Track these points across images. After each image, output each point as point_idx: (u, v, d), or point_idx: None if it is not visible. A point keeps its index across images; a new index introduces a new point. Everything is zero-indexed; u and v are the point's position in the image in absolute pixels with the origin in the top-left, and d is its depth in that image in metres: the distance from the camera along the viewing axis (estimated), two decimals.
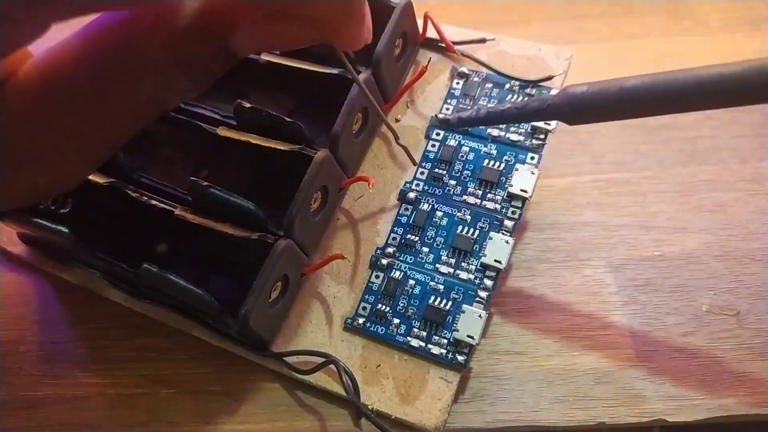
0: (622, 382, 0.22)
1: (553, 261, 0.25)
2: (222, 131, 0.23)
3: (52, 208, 0.25)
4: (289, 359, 0.22)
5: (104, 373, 0.24)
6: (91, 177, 0.23)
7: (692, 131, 0.28)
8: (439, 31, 0.25)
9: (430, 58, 0.25)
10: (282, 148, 0.22)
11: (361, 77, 0.22)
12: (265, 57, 0.24)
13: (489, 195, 0.23)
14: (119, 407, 0.23)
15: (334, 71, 0.23)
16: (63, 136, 0.17)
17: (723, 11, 0.32)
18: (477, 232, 0.23)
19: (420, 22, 0.25)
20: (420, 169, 0.24)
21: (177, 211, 0.22)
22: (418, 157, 0.24)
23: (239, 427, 0.22)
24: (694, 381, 0.22)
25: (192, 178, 0.22)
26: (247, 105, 0.22)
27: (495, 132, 0.24)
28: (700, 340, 0.22)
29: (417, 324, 0.22)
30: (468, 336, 0.21)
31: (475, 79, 0.25)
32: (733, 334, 0.22)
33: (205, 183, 0.21)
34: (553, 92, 0.24)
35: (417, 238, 0.23)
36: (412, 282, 0.23)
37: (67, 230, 0.22)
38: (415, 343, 0.22)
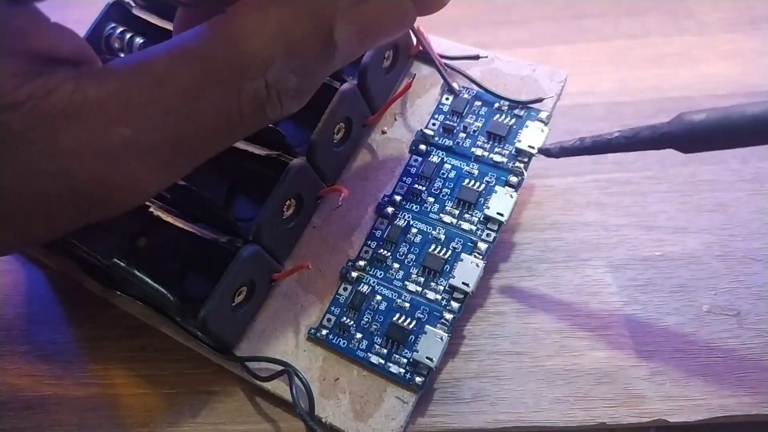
0: (623, 382, 0.22)
1: (554, 261, 0.25)
2: None
3: None
4: (251, 364, 0.22)
5: (104, 373, 0.24)
6: None
7: None
8: (428, 45, 0.24)
9: (415, 74, 0.25)
10: (259, 152, 0.22)
11: (345, 87, 0.22)
12: None
13: (466, 215, 0.23)
14: (119, 407, 0.23)
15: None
16: (144, 131, 0.15)
17: (723, 11, 0.32)
18: (449, 252, 0.22)
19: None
20: (400, 184, 0.24)
21: (152, 208, 0.22)
22: (399, 172, 0.24)
23: (239, 427, 0.22)
24: (695, 381, 0.22)
25: None
26: None
27: (479, 152, 0.24)
28: (700, 340, 0.22)
29: (379, 340, 0.22)
30: (427, 358, 0.21)
31: (465, 95, 0.25)
32: (733, 334, 0.22)
33: (181, 182, 0.21)
34: (543, 115, 0.23)
35: (389, 254, 0.23)
36: (378, 297, 0.22)
37: None
38: (375, 359, 0.21)
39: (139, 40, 0.26)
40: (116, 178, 0.15)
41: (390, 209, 0.23)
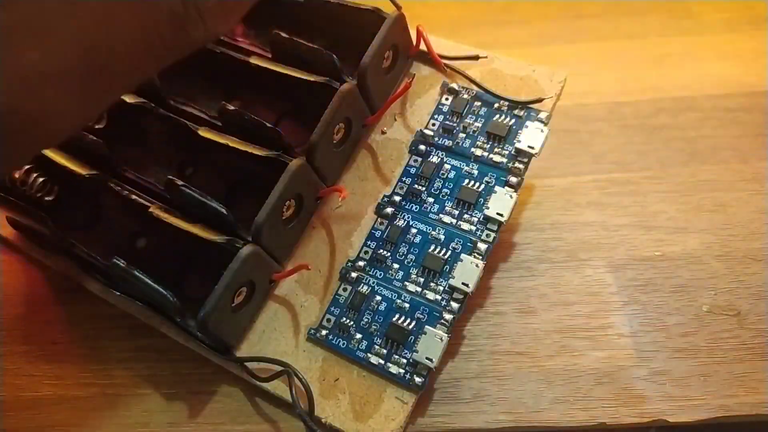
0: (623, 382, 0.22)
1: (554, 261, 0.25)
2: (203, 132, 0.23)
3: (38, 195, 0.25)
4: (250, 365, 0.22)
5: (104, 373, 0.24)
6: (75, 167, 0.23)
7: (693, 131, 0.28)
8: (428, 45, 0.24)
9: (414, 74, 0.25)
10: (259, 153, 0.22)
11: (345, 87, 0.22)
12: (256, 62, 0.24)
13: (465, 216, 0.23)
14: (119, 407, 0.23)
15: (321, 80, 0.23)
16: (54, 56, 0.14)
17: (723, 11, 0.32)
18: (449, 252, 0.22)
19: (414, 34, 0.24)
20: (399, 184, 0.24)
21: (151, 209, 0.22)
22: (399, 172, 0.24)
23: (239, 427, 0.22)
24: (695, 381, 0.22)
25: (168, 177, 0.22)
26: (230, 107, 0.22)
27: (479, 152, 0.23)
28: (700, 340, 0.22)
29: (378, 341, 0.22)
30: (427, 358, 0.21)
31: (464, 96, 0.24)
32: (733, 334, 0.22)
33: (180, 183, 0.21)
34: (542, 115, 0.23)
35: (389, 254, 0.23)
36: (378, 298, 0.22)
37: (44, 215, 0.22)
38: (374, 360, 0.21)
39: None
40: (30, 107, 0.15)
41: (390, 209, 0.23)
